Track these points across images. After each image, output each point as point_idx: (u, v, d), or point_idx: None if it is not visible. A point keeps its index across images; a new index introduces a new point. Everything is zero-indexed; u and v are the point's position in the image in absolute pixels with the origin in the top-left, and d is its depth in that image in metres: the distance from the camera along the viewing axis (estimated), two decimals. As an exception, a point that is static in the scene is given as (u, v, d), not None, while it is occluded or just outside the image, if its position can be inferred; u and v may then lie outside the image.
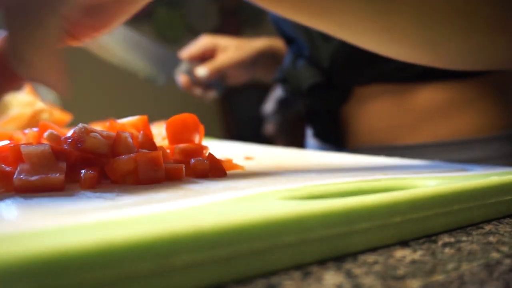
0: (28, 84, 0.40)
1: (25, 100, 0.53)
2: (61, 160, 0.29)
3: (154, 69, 0.83)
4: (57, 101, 0.57)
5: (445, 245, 0.23)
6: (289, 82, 0.67)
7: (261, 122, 1.13)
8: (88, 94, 2.09)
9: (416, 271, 0.19)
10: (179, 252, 0.16)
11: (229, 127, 2.45)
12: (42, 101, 0.54)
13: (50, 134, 0.33)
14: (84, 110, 1.11)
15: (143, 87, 2.13)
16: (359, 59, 0.60)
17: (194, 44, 0.86)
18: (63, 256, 0.14)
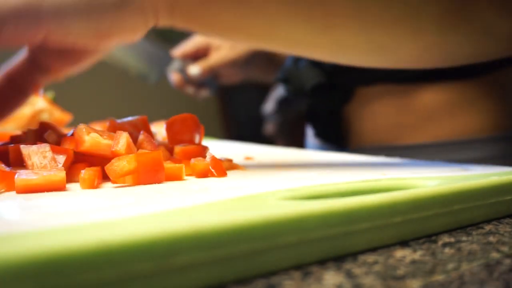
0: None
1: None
2: (61, 160, 0.29)
3: (145, 66, 0.82)
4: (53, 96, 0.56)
5: (445, 245, 0.23)
6: (291, 82, 0.67)
7: (261, 122, 1.12)
8: (88, 94, 2.09)
9: (416, 271, 0.19)
10: (179, 252, 0.16)
11: (229, 127, 2.45)
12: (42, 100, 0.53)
13: (50, 134, 0.33)
14: (84, 110, 1.11)
15: (143, 87, 2.13)
16: None
17: (187, 42, 0.86)
18: (63, 256, 0.14)
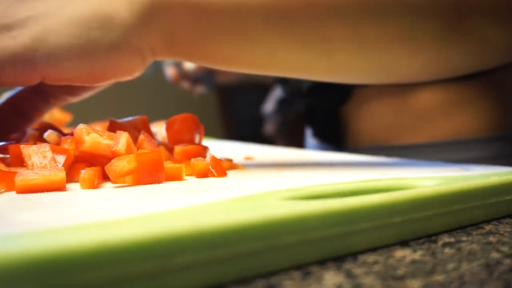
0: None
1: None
2: (61, 160, 0.29)
3: None
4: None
5: (445, 245, 0.23)
6: (288, 82, 0.67)
7: (261, 122, 1.12)
8: (88, 94, 2.09)
9: (416, 271, 0.19)
10: (179, 252, 0.16)
11: (229, 127, 2.45)
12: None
13: (50, 134, 0.33)
14: (84, 110, 1.11)
15: (143, 87, 2.13)
16: None
17: None
18: (63, 256, 0.14)
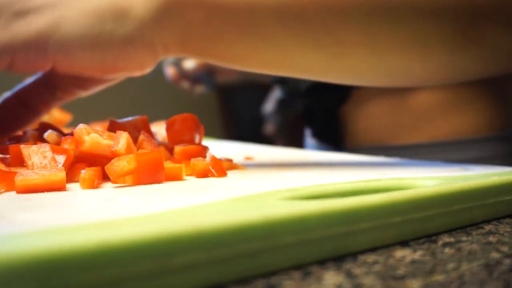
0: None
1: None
2: (61, 160, 0.29)
3: None
4: None
5: (445, 245, 0.23)
6: (287, 83, 0.67)
7: (261, 122, 1.12)
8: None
9: (416, 271, 0.19)
10: (179, 252, 0.16)
11: (229, 127, 2.45)
12: None
13: (50, 134, 0.33)
14: (84, 110, 1.11)
15: (143, 87, 2.13)
16: None
17: None
18: (63, 256, 0.14)
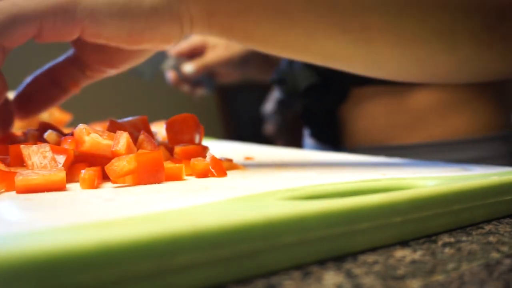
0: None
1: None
2: (61, 160, 0.29)
3: (139, 64, 0.83)
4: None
5: (445, 245, 0.23)
6: (286, 83, 0.67)
7: (261, 122, 1.12)
8: (88, 94, 2.09)
9: (416, 271, 0.19)
10: (179, 252, 0.16)
11: (229, 127, 2.45)
12: None
13: (50, 134, 0.33)
14: (84, 110, 1.11)
15: (143, 87, 2.13)
16: None
17: (184, 41, 0.87)
18: (63, 256, 0.14)
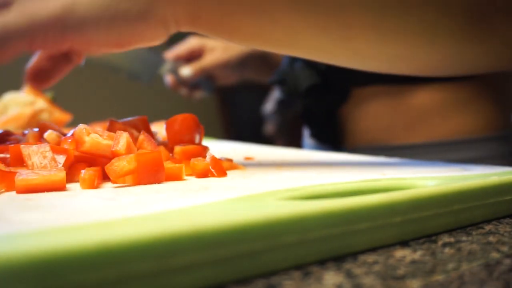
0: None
1: (25, 100, 0.53)
2: (61, 160, 0.29)
3: (137, 67, 0.83)
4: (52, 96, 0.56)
5: (445, 245, 0.23)
6: (286, 83, 0.67)
7: (261, 122, 1.12)
8: (88, 94, 2.09)
9: (416, 271, 0.19)
10: (179, 252, 0.16)
11: (229, 127, 2.45)
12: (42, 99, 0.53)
13: (50, 134, 0.33)
14: (84, 110, 1.11)
15: (143, 88, 2.13)
16: None
17: (182, 44, 0.87)
18: (63, 256, 0.14)
